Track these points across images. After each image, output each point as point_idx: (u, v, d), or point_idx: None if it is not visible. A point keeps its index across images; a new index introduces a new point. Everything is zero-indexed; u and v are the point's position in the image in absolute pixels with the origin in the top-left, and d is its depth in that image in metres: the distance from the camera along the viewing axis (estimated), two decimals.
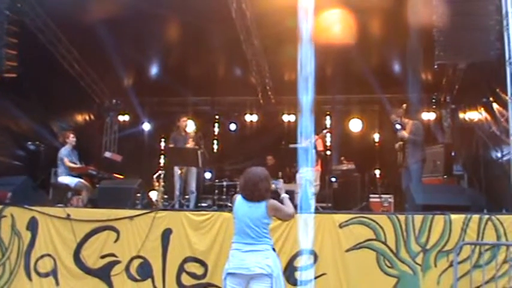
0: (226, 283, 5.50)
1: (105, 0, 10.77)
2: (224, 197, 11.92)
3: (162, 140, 16.02)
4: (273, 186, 6.00)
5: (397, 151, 10.53)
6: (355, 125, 15.61)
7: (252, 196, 5.56)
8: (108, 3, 10.85)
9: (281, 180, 6.27)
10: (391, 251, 7.71)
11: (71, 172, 10.59)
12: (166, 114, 15.70)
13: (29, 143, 12.54)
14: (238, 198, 5.68)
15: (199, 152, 10.85)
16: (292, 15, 8.91)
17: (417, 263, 7.63)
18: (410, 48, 11.00)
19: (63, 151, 10.69)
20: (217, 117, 16.78)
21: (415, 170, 10.03)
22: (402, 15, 10.14)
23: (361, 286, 7.72)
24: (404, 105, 10.68)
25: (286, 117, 16.03)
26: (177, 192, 10.95)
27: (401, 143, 10.38)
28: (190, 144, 11.12)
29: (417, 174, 10.02)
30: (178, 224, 8.40)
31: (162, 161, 15.49)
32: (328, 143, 14.77)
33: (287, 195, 5.94)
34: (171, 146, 11.43)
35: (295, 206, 5.88)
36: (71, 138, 10.87)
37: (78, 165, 10.79)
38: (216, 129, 16.78)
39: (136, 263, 8.41)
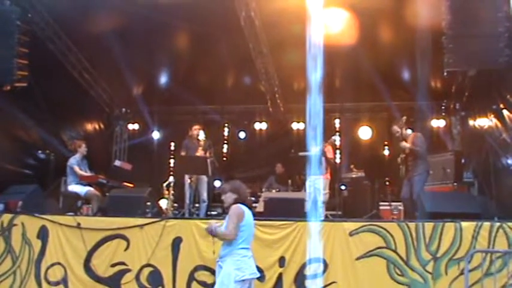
0: None
1: (114, 10, 10.81)
2: None
3: (172, 148, 16.02)
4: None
5: (400, 164, 10.26)
6: (365, 133, 15.53)
7: (248, 204, 6.10)
8: (117, 13, 10.93)
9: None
10: (402, 259, 7.70)
11: (81, 181, 10.61)
12: (175, 122, 15.79)
13: (39, 151, 12.61)
14: (243, 206, 5.95)
15: (208, 160, 10.86)
16: (301, 22, 8.95)
17: (428, 271, 7.61)
18: (420, 55, 11.00)
19: (72, 160, 10.69)
20: (226, 125, 16.72)
21: (417, 182, 9.76)
22: (411, 22, 10.15)
23: None
24: (404, 117, 10.48)
25: (295, 125, 15.93)
26: (187, 201, 10.96)
27: (403, 155, 10.12)
28: (200, 152, 11.14)
29: (419, 185, 9.74)
30: (188, 233, 8.42)
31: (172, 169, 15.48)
32: (337, 148, 14.70)
33: None
34: (183, 154, 11.44)
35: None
36: (83, 148, 10.87)
37: (89, 174, 10.82)
38: (226, 138, 16.70)
39: (146, 271, 8.42)
